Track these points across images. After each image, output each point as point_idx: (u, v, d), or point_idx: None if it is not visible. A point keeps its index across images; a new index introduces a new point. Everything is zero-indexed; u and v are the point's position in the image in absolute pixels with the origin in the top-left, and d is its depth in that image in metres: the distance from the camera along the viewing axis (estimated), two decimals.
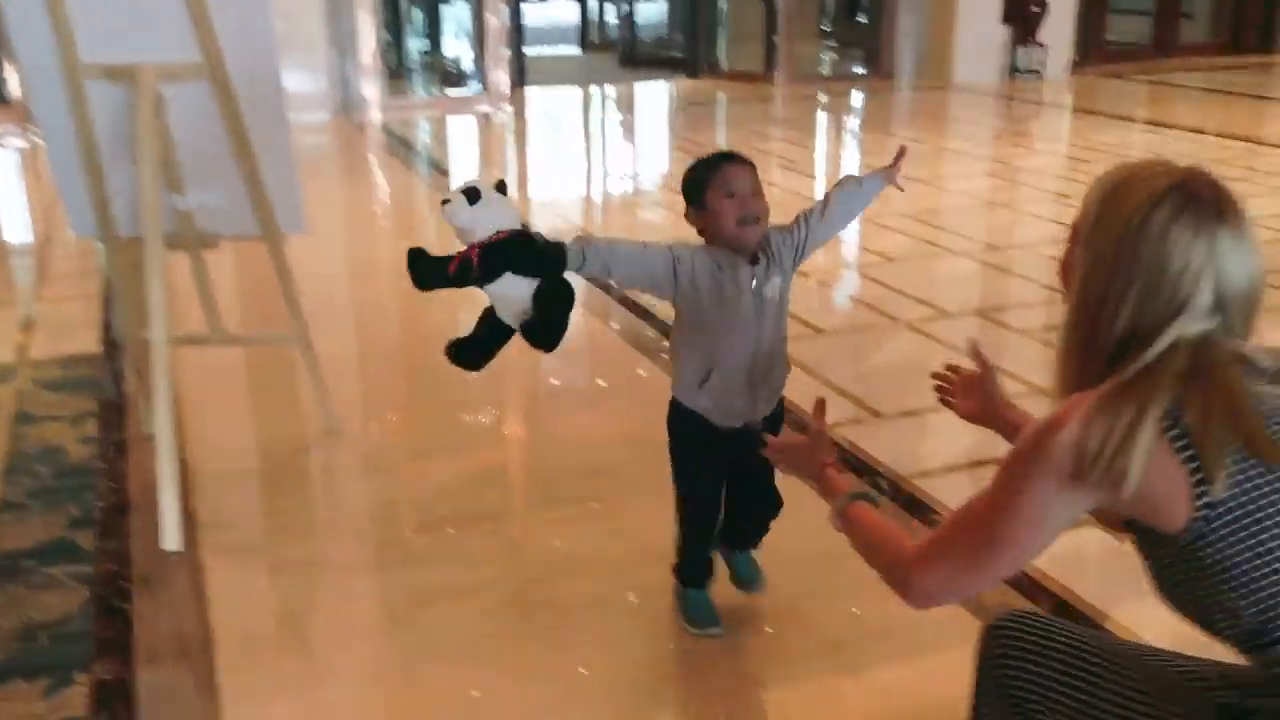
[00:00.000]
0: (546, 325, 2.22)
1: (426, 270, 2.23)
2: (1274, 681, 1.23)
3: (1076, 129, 9.53)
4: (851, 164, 8.32)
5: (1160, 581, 1.31)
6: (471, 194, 2.15)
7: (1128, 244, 1.26)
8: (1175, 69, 12.22)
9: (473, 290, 2.24)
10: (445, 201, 2.17)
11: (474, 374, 2.39)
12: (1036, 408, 1.84)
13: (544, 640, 2.53)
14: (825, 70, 13.09)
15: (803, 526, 2.40)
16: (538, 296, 2.18)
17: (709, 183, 2.21)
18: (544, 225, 6.43)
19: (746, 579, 2.60)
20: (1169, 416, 1.21)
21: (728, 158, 2.27)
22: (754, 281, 2.22)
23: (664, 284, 2.22)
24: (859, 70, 12.68)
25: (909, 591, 1.44)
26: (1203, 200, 1.26)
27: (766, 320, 2.27)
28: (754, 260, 2.23)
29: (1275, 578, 1.18)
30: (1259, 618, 1.20)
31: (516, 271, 2.15)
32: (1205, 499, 1.19)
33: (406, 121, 10.01)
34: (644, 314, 4.79)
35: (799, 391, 3.64)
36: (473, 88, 11.14)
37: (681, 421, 2.37)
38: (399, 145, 9.19)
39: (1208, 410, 1.20)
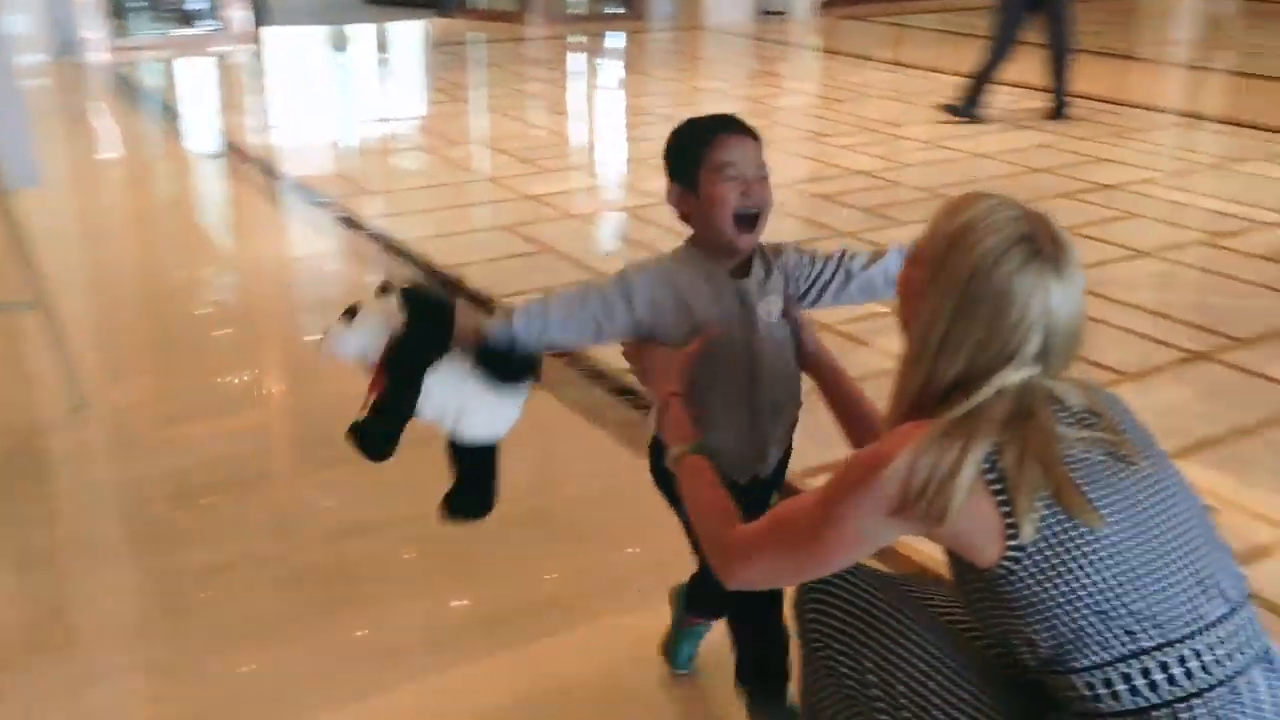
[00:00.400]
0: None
1: (374, 440, 1.73)
2: (1063, 704, 1.30)
3: (825, 69, 9.84)
4: (614, 104, 8.28)
5: (967, 601, 1.37)
6: (349, 312, 1.68)
7: (972, 294, 1.28)
8: (913, 10, 12.80)
9: (219, 241, 1.99)
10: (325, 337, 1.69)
11: (228, 332, 2.17)
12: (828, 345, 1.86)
13: (326, 609, 2.40)
14: (580, 10, 12.97)
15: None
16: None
17: (702, 158, 1.71)
18: (299, 172, 6.07)
19: None
20: (988, 460, 1.25)
21: (726, 125, 1.74)
22: (739, 299, 1.74)
23: (622, 329, 1.76)
24: (614, 10, 12.64)
25: (727, 577, 1.46)
26: (1044, 254, 1.29)
27: (765, 345, 1.76)
28: (742, 271, 1.76)
29: (1070, 617, 1.24)
30: (1054, 650, 1.26)
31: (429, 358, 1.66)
32: (1014, 542, 1.24)
33: (135, 63, 9.24)
34: (399, 250, 4.63)
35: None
36: (208, 26, 10.39)
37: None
38: (128, 89, 8.47)
39: (1023, 458, 1.25)
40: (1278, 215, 5.09)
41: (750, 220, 1.71)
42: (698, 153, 1.72)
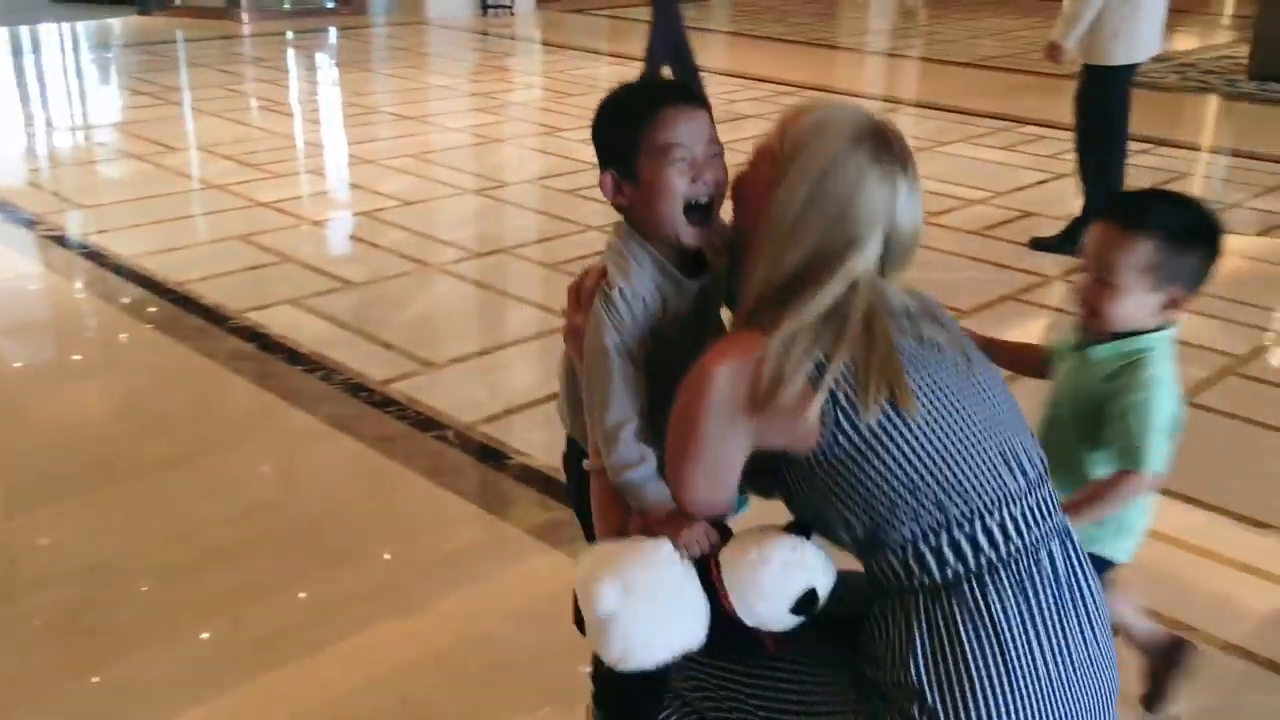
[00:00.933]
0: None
1: None
2: (883, 590, 1.34)
3: (551, 62, 9.87)
4: (340, 103, 8.00)
5: (787, 496, 1.39)
6: (807, 602, 1.33)
7: (828, 179, 1.31)
8: (628, 4, 13.04)
9: None
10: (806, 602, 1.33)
11: None
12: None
13: (68, 661, 2.20)
14: (294, 5, 12.47)
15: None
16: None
17: (641, 140, 1.44)
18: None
19: None
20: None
21: (668, 96, 1.47)
22: (696, 302, 1.51)
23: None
24: (330, 5, 12.22)
25: (686, 507, 1.40)
26: (893, 149, 1.35)
27: (709, 336, 1.53)
28: (696, 265, 1.51)
29: (884, 493, 1.29)
30: (870, 528, 1.32)
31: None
32: (844, 429, 1.28)
33: None
34: (116, 268, 4.33)
35: (360, 355, 3.51)
36: None
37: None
38: None
39: (869, 351, 1.29)
40: (982, 192, 5.52)
41: (703, 211, 1.46)
42: (635, 135, 1.44)
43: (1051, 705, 1.28)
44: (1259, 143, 6.74)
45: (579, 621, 1.37)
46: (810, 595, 1.32)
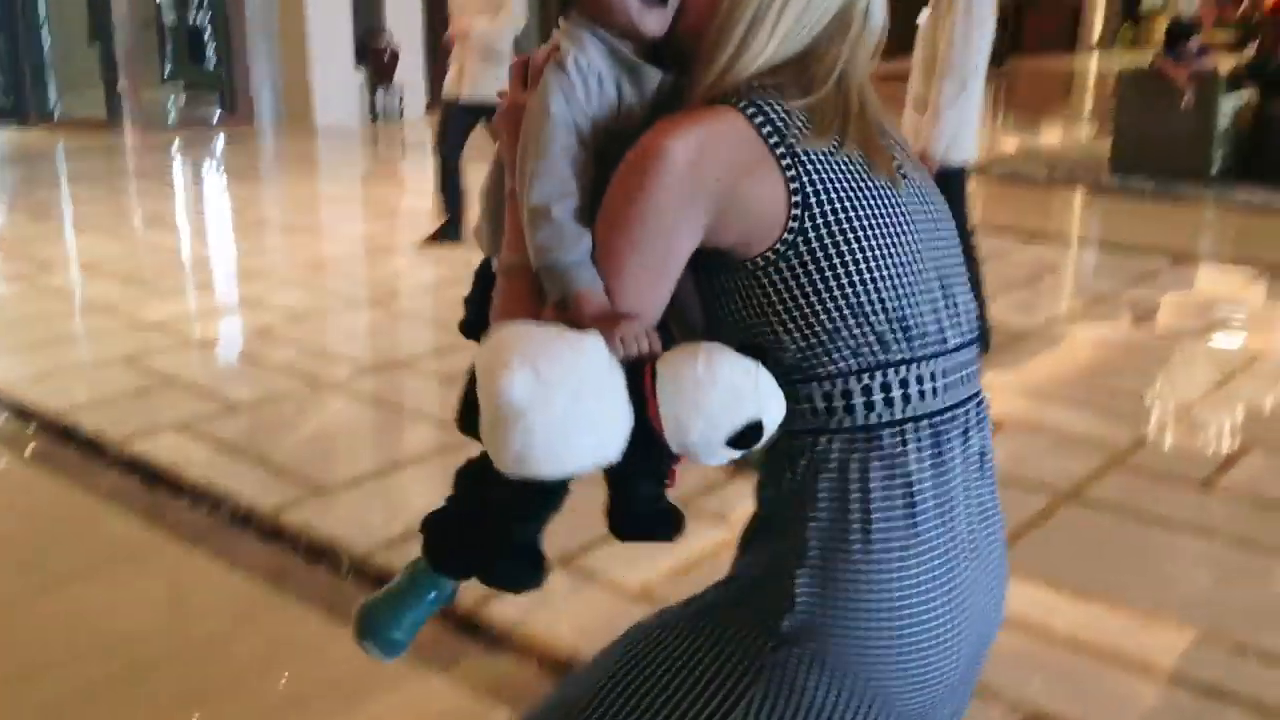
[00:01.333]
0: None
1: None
2: (795, 422, 1.23)
3: None
4: (222, 213, 7.90)
5: (713, 316, 1.28)
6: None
7: None
8: None
9: None
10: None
11: None
12: None
13: None
14: (179, 116, 12.37)
15: None
16: None
17: None
18: None
19: None
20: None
21: None
22: (658, 99, 1.28)
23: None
24: (216, 114, 12.14)
25: (619, 305, 1.21)
26: None
27: None
28: (662, 59, 1.28)
29: (829, 314, 1.20)
30: (802, 353, 1.21)
31: None
32: (813, 219, 1.18)
33: None
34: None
35: (250, 482, 3.37)
36: None
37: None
38: None
39: (864, 121, 1.23)
40: None
41: None
42: None
43: (949, 589, 1.20)
44: (1125, 234, 7.08)
45: (463, 422, 1.17)
46: (755, 427, 1.14)
